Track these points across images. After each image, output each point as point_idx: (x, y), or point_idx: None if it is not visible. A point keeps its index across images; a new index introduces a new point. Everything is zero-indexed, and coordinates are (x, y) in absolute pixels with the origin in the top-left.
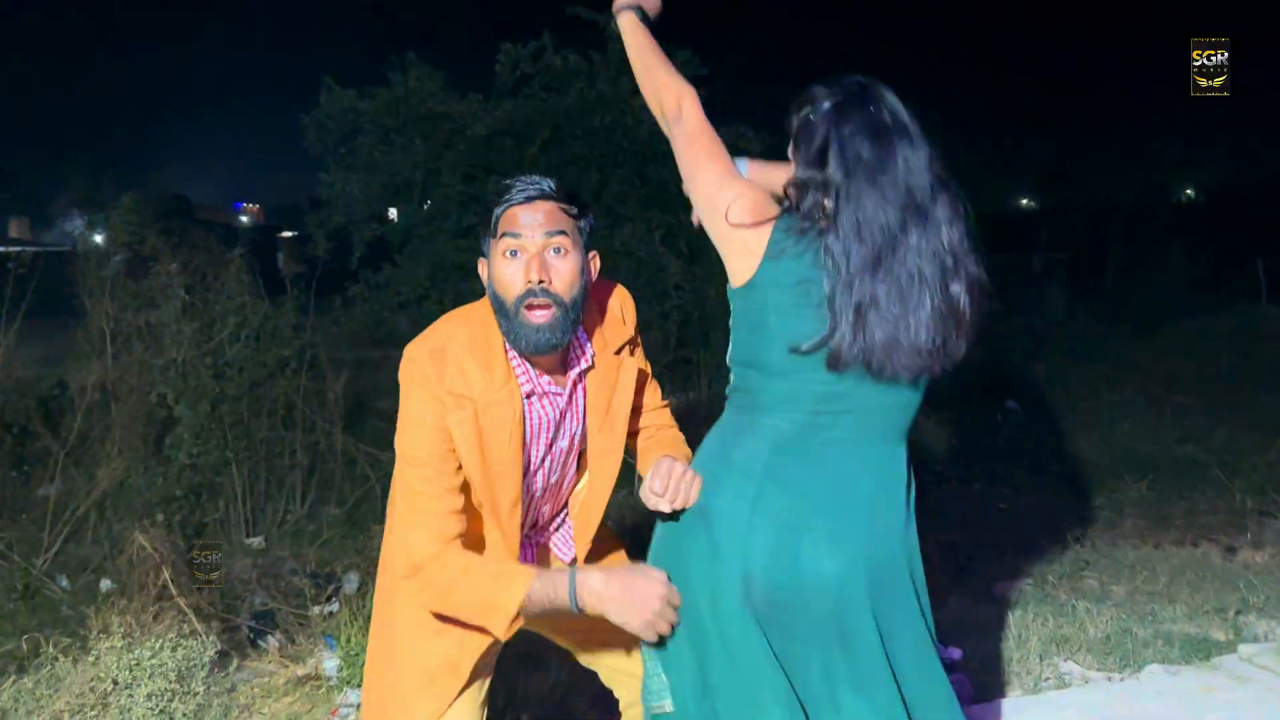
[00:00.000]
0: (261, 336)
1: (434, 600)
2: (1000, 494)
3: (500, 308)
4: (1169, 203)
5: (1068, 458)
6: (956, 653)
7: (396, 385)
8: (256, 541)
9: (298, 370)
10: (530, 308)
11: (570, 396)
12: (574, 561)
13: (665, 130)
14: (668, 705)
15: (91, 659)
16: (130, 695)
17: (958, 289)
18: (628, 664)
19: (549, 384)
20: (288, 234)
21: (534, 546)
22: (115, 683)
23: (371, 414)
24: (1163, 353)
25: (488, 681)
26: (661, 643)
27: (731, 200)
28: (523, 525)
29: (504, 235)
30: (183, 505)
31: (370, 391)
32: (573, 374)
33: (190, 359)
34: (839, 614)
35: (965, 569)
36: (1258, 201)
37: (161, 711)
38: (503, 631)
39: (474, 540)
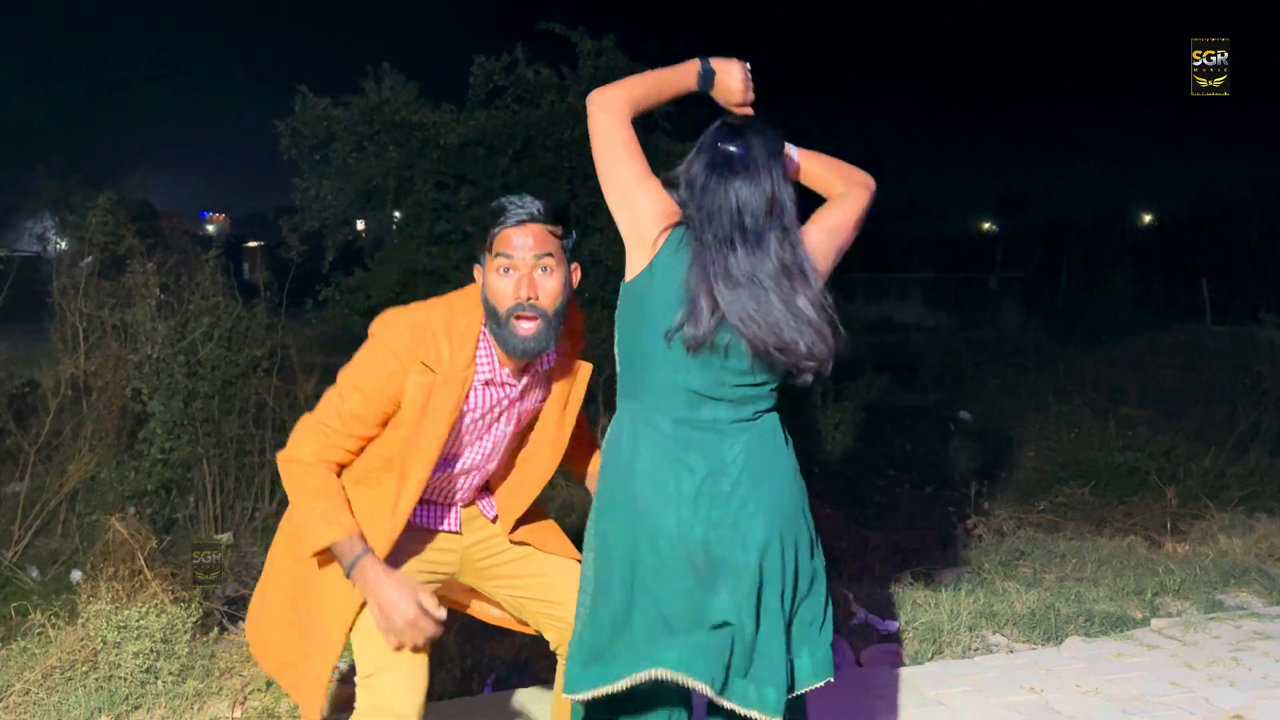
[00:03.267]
0: (234, 336)
1: (288, 491)
2: (949, 498)
3: (493, 315)
4: (1124, 226)
5: (1016, 464)
6: (893, 625)
7: None
8: (226, 537)
9: (269, 370)
10: (519, 319)
11: (524, 391)
12: (495, 519)
13: (590, 113)
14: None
15: (81, 621)
16: (118, 653)
17: (801, 301)
18: (552, 609)
19: (507, 375)
20: (254, 244)
21: (454, 513)
22: (104, 641)
23: None
24: (1110, 367)
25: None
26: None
27: (647, 201)
28: (434, 493)
29: (498, 255)
30: (154, 500)
31: None
32: (531, 373)
33: (164, 356)
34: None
35: (909, 560)
36: (1210, 226)
37: (148, 670)
38: (307, 552)
39: (371, 482)
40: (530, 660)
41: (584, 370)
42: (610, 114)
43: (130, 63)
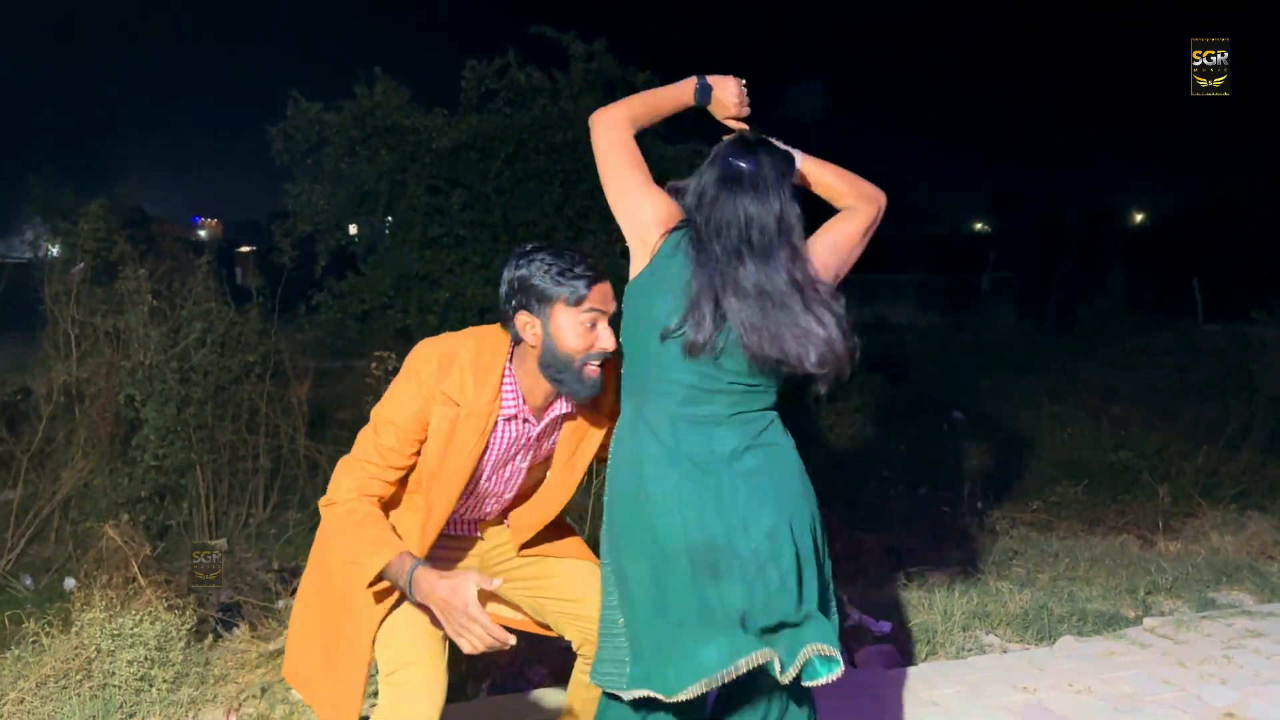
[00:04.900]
0: (227, 342)
1: (328, 535)
2: (943, 498)
3: (559, 363)
4: (1117, 227)
5: (1009, 464)
6: (886, 626)
7: (357, 396)
8: (220, 543)
9: (262, 376)
10: (592, 367)
11: (544, 428)
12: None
13: (593, 127)
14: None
15: (75, 629)
16: (113, 661)
17: (813, 316)
18: (572, 607)
19: (529, 413)
20: (246, 249)
21: (475, 523)
22: (98, 650)
23: (333, 423)
24: (1103, 367)
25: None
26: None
27: (648, 206)
28: (455, 514)
29: (591, 309)
30: (147, 506)
31: (332, 401)
32: (551, 414)
33: (157, 362)
34: (761, 559)
35: (903, 561)
36: (1202, 225)
37: (142, 677)
38: (364, 584)
39: (397, 505)
40: (526, 666)
41: (599, 422)
42: (612, 130)
43: (122, 70)
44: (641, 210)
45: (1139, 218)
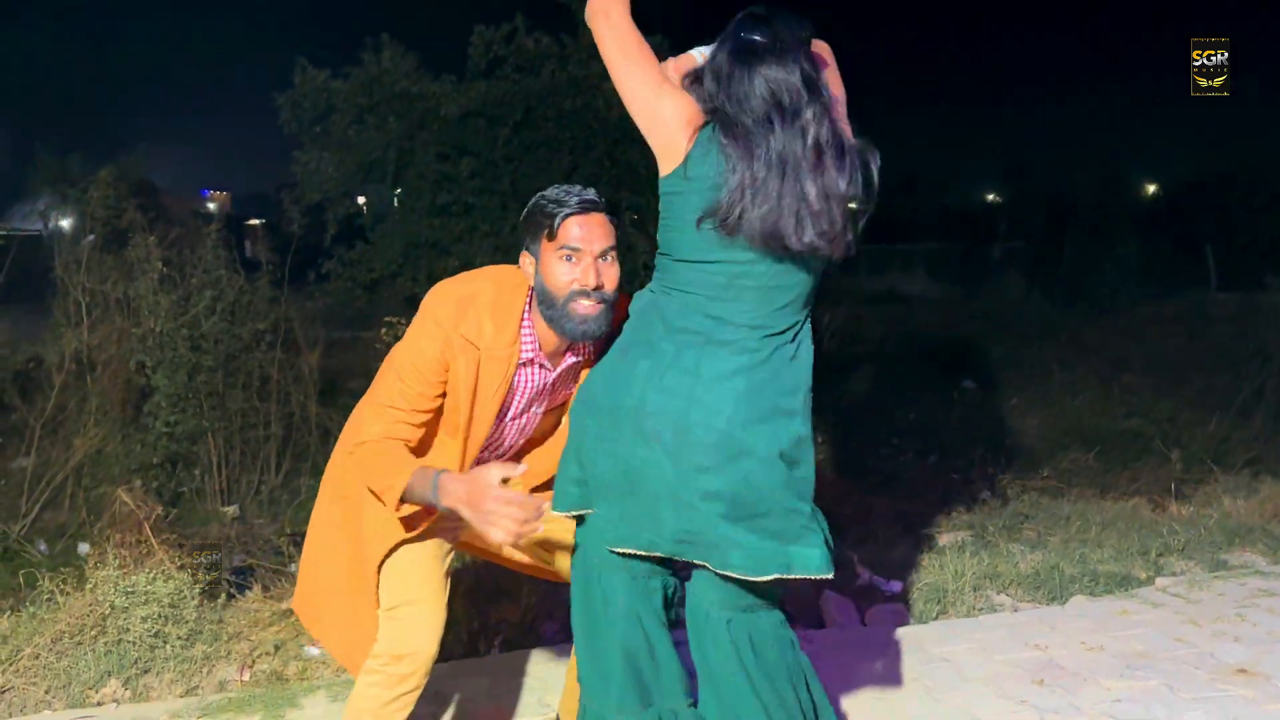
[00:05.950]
0: (237, 310)
1: (356, 470)
2: (953, 465)
3: (548, 300)
4: (1128, 196)
5: (1020, 432)
6: (897, 585)
7: (366, 364)
8: (232, 510)
9: (272, 344)
10: (582, 303)
11: (559, 374)
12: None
13: (594, 29)
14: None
15: (89, 587)
16: (127, 618)
17: (832, 174)
18: None
19: (544, 358)
20: (255, 221)
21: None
22: (113, 606)
23: (344, 391)
24: (1114, 335)
25: (450, 552)
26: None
27: (669, 108)
28: (484, 449)
29: (563, 245)
30: (159, 473)
31: (342, 370)
32: (566, 361)
33: (167, 330)
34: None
35: (912, 525)
36: (1214, 193)
37: (156, 634)
38: (391, 506)
39: (430, 443)
40: (536, 622)
41: None
42: (612, 19)
43: (128, 40)
44: (661, 110)
45: (1151, 188)
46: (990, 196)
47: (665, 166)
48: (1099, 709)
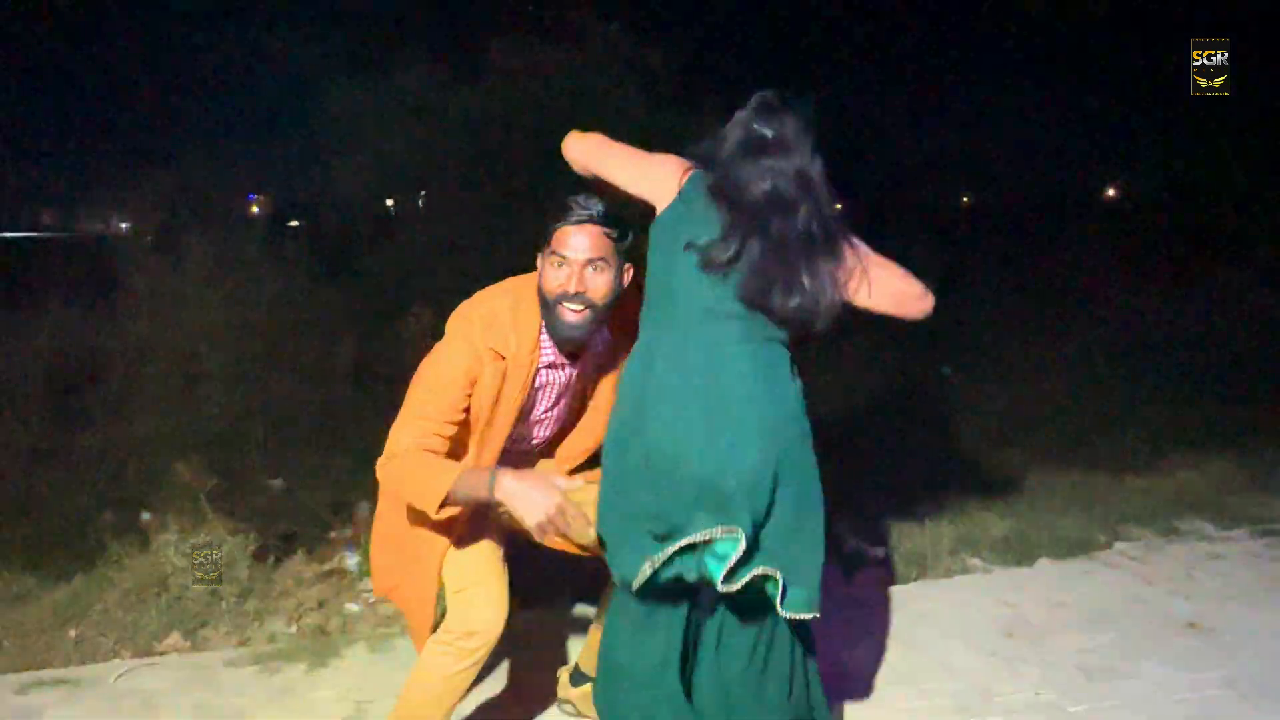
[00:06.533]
0: (280, 303)
1: (392, 483)
2: (932, 444)
3: (543, 302)
4: (1096, 197)
5: (995, 416)
6: (880, 551)
7: (396, 353)
8: (278, 483)
9: (311, 333)
10: (566, 308)
11: (580, 371)
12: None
13: (568, 158)
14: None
15: (152, 549)
16: (186, 577)
17: (812, 270)
18: None
19: (563, 358)
20: (295, 223)
21: (525, 453)
22: (173, 567)
23: (378, 379)
24: (1083, 327)
25: (500, 550)
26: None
27: (656, 167)
28: (513, 442)
29: (554, 252)
30: (212, 449)
31: (374, 358)
32: (586, 354)
33: (217, 321)
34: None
35: (892, 497)
36: (1189, 194)
37: (213, 592)
38: (432, 511)
39: (458, 448)
40: (557, 582)
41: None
42: (581, 139)
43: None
44: (652, 170)
45: (1110, 192)
46: (965, 199)
47: (661, 206)
48: (1063, 659)
